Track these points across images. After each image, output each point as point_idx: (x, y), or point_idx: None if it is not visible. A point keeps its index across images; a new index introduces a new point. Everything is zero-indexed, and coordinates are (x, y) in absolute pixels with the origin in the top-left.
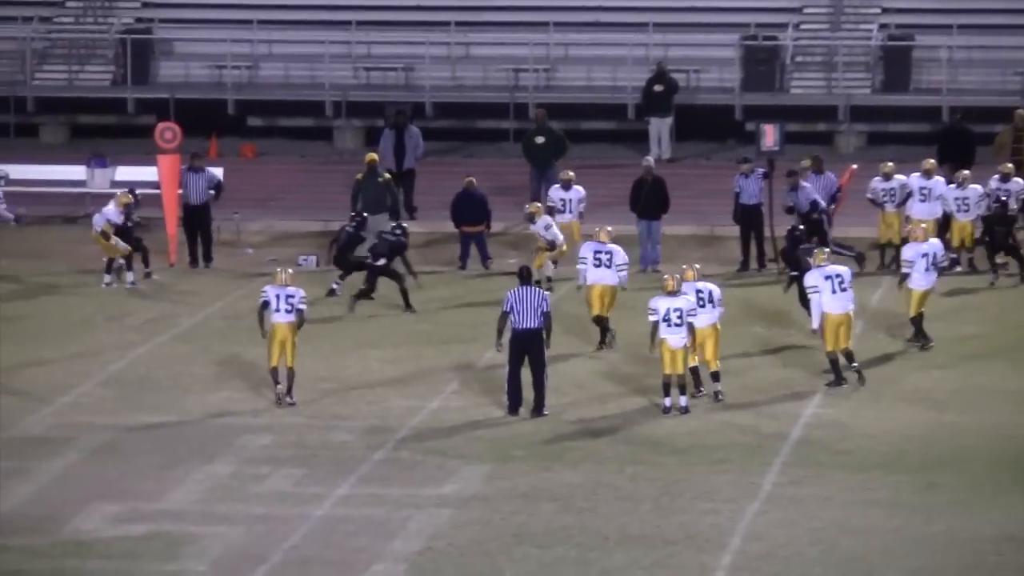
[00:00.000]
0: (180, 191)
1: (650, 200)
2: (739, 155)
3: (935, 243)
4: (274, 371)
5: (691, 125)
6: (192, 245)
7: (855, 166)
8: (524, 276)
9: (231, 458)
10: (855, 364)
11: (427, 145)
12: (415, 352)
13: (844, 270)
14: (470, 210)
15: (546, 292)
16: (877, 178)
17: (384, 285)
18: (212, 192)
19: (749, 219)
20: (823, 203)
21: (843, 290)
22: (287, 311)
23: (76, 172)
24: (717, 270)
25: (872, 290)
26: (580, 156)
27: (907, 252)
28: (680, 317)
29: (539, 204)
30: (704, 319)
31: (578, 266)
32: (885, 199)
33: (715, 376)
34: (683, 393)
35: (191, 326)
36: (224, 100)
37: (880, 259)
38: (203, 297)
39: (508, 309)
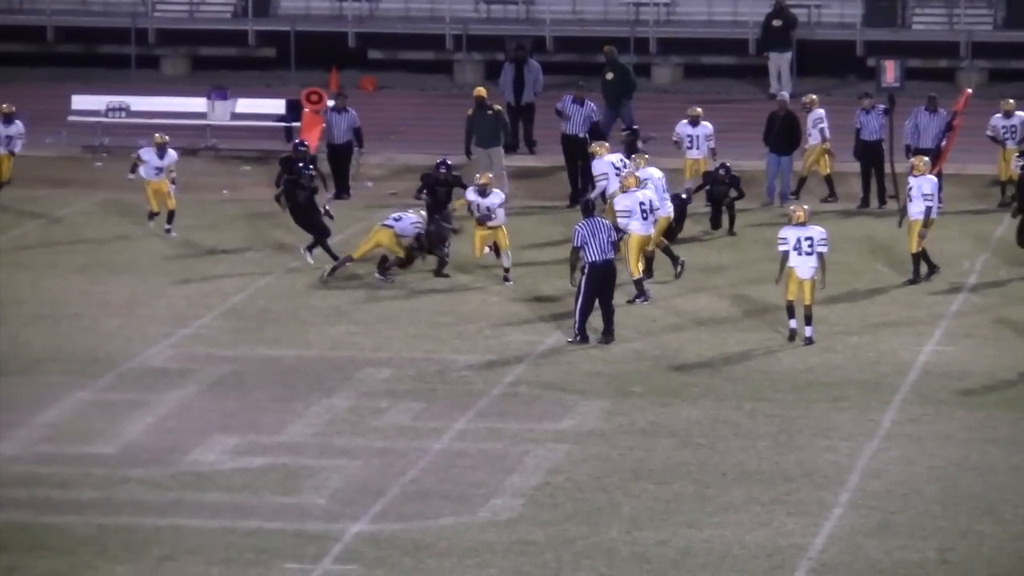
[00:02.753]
0: (323, 126)
1: (782, 135)
2: (860, 91)
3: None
4: (348, 259)
5: (812, 60)
6: (336, 179)
7: (970, 90)
8: (588, 209)
9: (350, 392)
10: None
11: (547, 79)
12: (532, 287)
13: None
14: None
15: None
16: (997, 115)
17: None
18: (353, 133)
19: (870, 155)
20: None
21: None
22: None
23: (197, 104)
24: (837, 207)
25: (994, 226)
26: (700, 91)
27: (927, 186)
28: (811, 246)
29: (490, 174)
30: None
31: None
32: (1006, 136)
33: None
34: (809, 323)
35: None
36: (344, 33)
37: (1001, 196)
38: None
39: (580, 244)
